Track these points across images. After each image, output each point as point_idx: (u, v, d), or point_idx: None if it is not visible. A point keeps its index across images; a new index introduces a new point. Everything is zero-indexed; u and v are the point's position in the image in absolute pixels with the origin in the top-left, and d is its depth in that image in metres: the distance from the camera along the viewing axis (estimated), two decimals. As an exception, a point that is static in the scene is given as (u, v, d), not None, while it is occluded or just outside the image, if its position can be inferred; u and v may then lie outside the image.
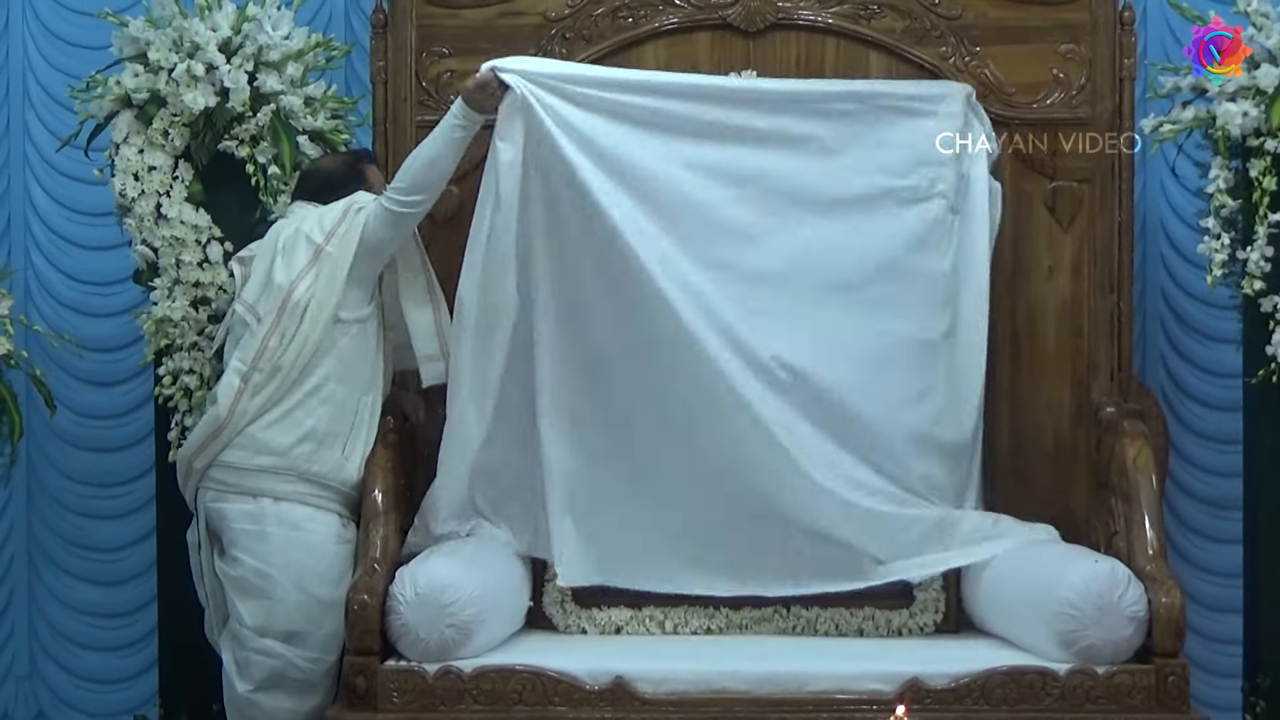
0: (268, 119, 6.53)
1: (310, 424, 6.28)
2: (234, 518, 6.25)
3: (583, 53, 6.86)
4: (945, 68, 6.84)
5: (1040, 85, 6.90)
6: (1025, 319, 6.89)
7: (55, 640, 7.87)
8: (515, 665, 6.06)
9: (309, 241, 6.31)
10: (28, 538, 7.87)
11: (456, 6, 6.93)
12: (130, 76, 6.57)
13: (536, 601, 6.65)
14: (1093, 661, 5.99)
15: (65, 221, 7.79)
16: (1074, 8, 6.88)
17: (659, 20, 6.93)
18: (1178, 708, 5.95)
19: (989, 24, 6.90)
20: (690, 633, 6.55)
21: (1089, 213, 6.87)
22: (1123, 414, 6.65)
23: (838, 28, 6.91)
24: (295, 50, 6.68)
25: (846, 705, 5.91)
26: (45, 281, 7.77)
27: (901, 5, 6.89)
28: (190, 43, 6.54)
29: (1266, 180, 6.55)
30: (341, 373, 6.33)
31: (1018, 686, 6.00)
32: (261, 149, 6.51)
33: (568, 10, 6.91)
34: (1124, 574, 6.02)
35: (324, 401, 6.31)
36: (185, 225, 6.47)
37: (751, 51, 6.90)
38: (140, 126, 6.56)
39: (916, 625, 6.64)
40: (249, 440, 6.26)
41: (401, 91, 6.89)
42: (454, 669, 5.99)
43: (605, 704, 6.00)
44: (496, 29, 6.92)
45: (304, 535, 6.25)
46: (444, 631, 6.01)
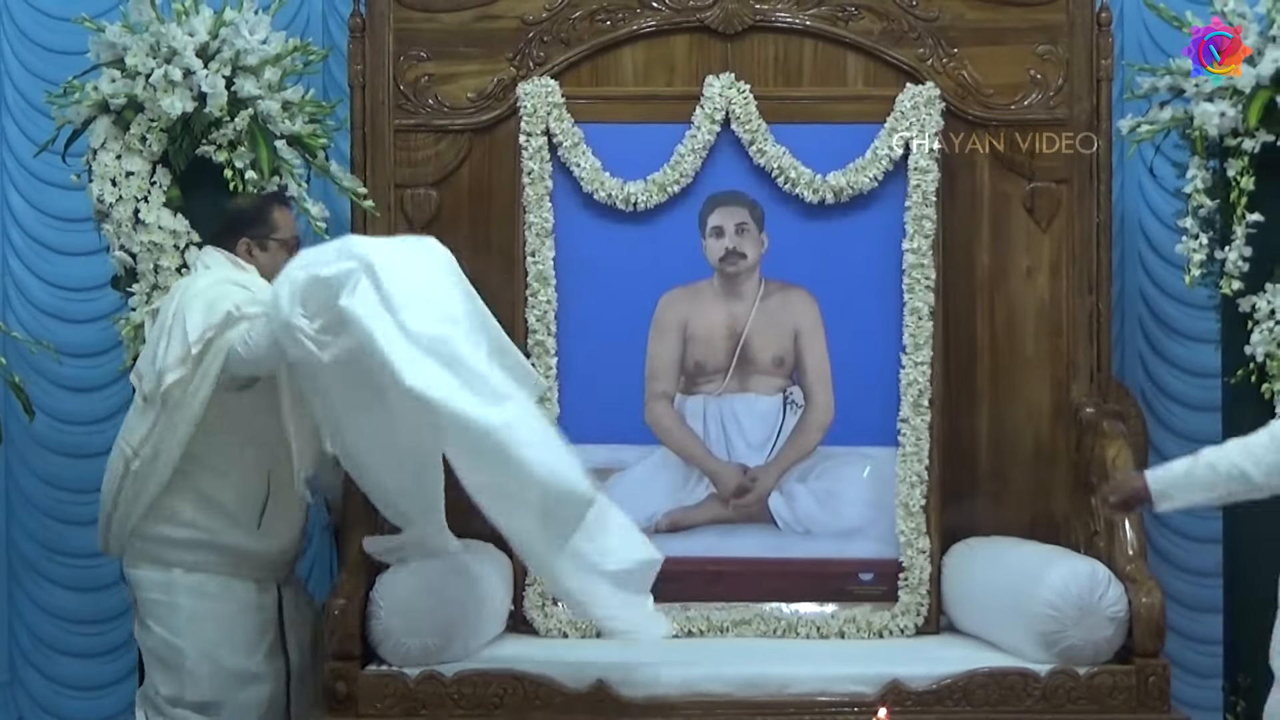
0: (245, 124, 6.51)
1: (215, 497, 5.98)
2: (146, 586, 6.01)
3: (560, 56, 6.90)
4: (923, 69, 6.87)
5: (1018, 86, 6.92)
6: (1004, 320, 6.93)
7: (34, 646, 7.85)
8: (497, 669, 6.07)
9: (182, 332, 5.86)
10: (6, 544, 7.85)
11: (434, 10, 6.95)
12: (107, 82, 6.55)
13: (517, 605, 6.67)
14: (1074, 662, 6.02)
15: (43, 227, 7.77)
16: (1051, 9, 6.90)
17: (637, 23, 6.95)
18: (1159, 708, 5.98)
19: (966, 25, 6.92)
20: (672, 636, 6.53)
21: (1067, 213, 6.90)
22: (1102, 414, 6.68)
23: (816, 30, 6.94)
24: (273, 55, 6.66)
25: (828, 708, 5.94)
26: (23, 287, 7.75)
27: (879, 7, 6.91)
28: (167, 48, 6.52)
29: (1244, 180, 6.55)
30: (237, 444, 5.99)
31: (999, 687, 6.02)
32: (239, 154, 6.49)
33: (545, 14, 6.92)
34: (1104, 574, 6.05)
35: (222, 475, 5.99)
36: (163, 230, 6.46)
37: (729, 54, 6.94)
38: (118, 132, 6.54)
39: (898, 627, 6.65)
40: (158, 509, 5.95)
41: (379, 95, 6.90)
42: (436, 673, 6.00)
43: (586, 708, 6.01)
44: (473, 33, 6.95)
45: (216, 605, 5.97)
46: (425, 636, 6.01)
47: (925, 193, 6.71)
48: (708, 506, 6.74)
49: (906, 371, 6.69)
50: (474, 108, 6.94)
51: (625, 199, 6.74)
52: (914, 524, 6.62)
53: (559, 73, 6.88)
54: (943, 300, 6.74)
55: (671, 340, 6.75)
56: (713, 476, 6.74)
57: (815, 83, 6.93)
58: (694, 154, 6.75)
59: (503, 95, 6.90)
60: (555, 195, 6.75)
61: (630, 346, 6.74)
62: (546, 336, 6.70)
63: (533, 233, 6.72)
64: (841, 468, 6.71)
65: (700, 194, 6.79)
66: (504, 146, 6.87)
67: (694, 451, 6.74)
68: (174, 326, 5.86)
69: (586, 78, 6.93)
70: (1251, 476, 5.34)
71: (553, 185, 6.74)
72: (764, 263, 6.79)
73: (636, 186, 6.75)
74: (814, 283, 6.79)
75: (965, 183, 6.92)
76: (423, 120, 6.94)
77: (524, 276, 6.72)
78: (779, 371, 6.78)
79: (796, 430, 6.77)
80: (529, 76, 6.85)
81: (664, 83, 6.95)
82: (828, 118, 6.82)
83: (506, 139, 6.84)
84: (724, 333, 6.77)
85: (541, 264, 6.71)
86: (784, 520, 6.72)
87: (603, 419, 6.73)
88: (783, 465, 6.74)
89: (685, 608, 6.61)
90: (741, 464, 6.73)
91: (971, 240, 6.92)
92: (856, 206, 6.76)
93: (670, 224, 6.80)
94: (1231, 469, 5.36)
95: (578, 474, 5.61)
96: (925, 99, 6.76)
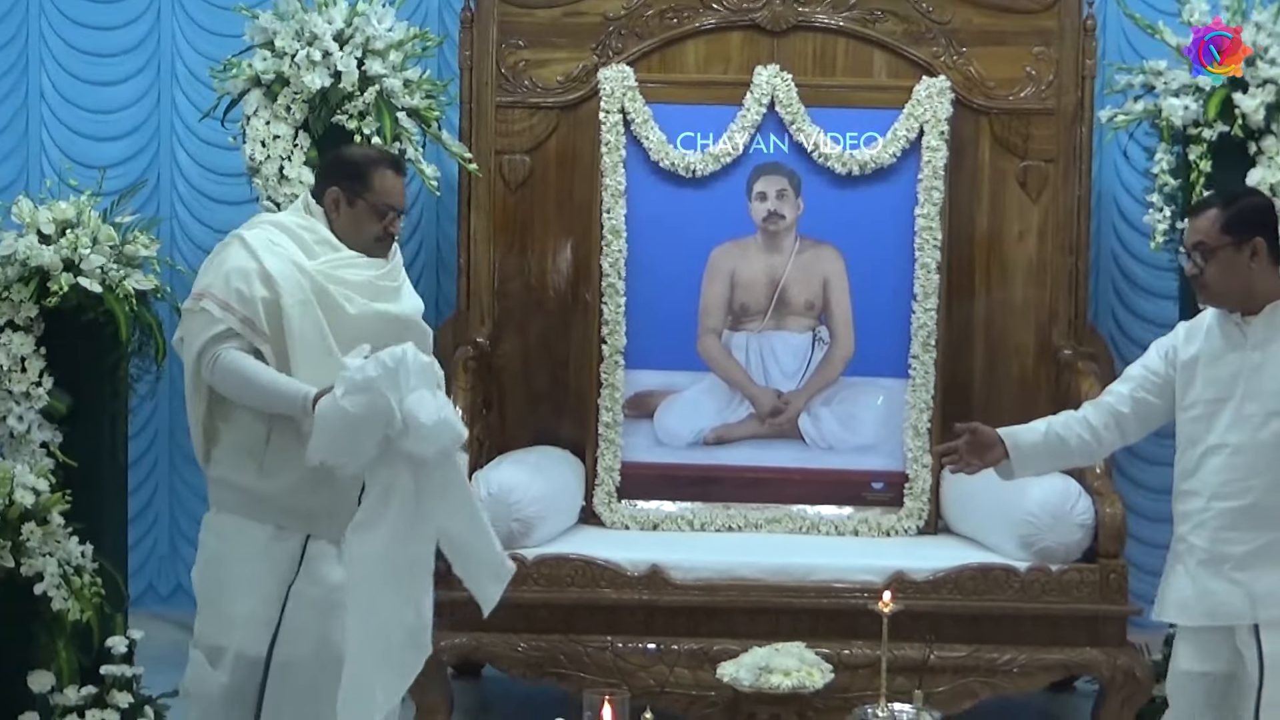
0: (373, 97, 6.52)
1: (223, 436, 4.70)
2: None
3: (635, 46, 6.89)
4: (936, 65, 6.84)
5: (1015, 80, 6.89)
6: (998, 275, 6.92)
7: (191, 525, 7.88)
8: (569, 554, 6.11)
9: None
10: (169, 441, 7.90)
11: (531, 6, 6.94)
12: (260, 60, 6.57)
13: (588, 501, 6.68)
14: (1048, 561, 6.02)
15: (204, 180, 7.81)
16: (1045, 16, 6.86)
17: (699, 21, 6.93)
18: (1118, 600, 5.99)
19: (974, 29, 6.89)
20: (714, 530, 6.57)
21: (1054, 188, 6.87)
22: (1078, 355, 6.68)
23: (848, 29, 6.91)
24: (396, 40, 6.67)
25: (843, 592, 5.96)
26: (187, 230, 7.79)
27: (901, 11, 6.88)
28: (310, 33, 6.53)
29: (1203, 163, 6.51)
30: None
31: (985, 580, 6.04)
32: (367, 122, 6.50)
33: (623, 11, 6.92)
34: (1075, 489, 6.05)
35: (224, 416, 4.69)
36: (303, 184, 6.47)
37: (775, 48, 6.92)
38: (267, 102, 6.55)
39: (903, 527, 6.65)
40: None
41: (484, 76, 6.91)
42: (519, 556, 5.99)
43: (643, 587, 6.04)
44: (563, 26, 6.94)
45: (229, 546, 4.67)
46: (511, 525, 6.05)
47: (935, 168, 6.68)
48: (747, 424, 6.74)
49: (916, 316, 6.68)
50: (562, 89, 6.94)
51: (686, 167, 6.73)
52: (919, 443, 6.61)
53: (633, 61, 6.86)
54: (947, 257, 6.71)
55: (721, 285, 6.74)
56: (752, 399, 6.74)
57: (846, 74, 6.90)
58: (744, 131, 6.73)
59: (586, 79, 6.89)
60: (628, 163, 6.74)
61: (686, 290, 6.74)
62: (617, 280, 6.70)
63: (608, 193, 6.71)
64: (860, 395, 6.70)
65: (748, 164, 6.77)
66: (586, 121, 6.85)
67: (737, 378, 6.74)
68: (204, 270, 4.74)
69: (656, 65, 6.91)
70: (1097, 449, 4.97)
71: (626, 154, 6.73)
72: (800, 223, 6.77)
73: (695, 157, 6.73)
74: (841, 241, 6.77)
75: (969, 160, 6.88)
76: (519, 98, 6.94)
77: (600, 229, 6.71)
78: (809, 313, 6.77)
79: (823, 363, 6.76)
80: (608, 64, 6.84)
81: (720, 71, 6.93)
82: (856, 103, 6.80)
83: (588, 115, 6.83)
84: (764, 280, 6.76)
85: (615, 219, 6.70)
86: (810, 437, 6.72)
87: (662, 349, 6.74)
88: (810, 391, 6.74)
89: (726, 507, 6.63)
90: (776, 389, 6.73)
91: (973, 208, 6.90)
92: (878, 178, 6.73)
93: (722, 189, 6.78)
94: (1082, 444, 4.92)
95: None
96: (938, 90, 6.73)
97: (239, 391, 4.59)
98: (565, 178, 6.98)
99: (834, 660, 5.53)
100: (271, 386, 4.55)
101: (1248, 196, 4.86)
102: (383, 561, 4.47)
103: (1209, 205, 4.69)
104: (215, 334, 4.58)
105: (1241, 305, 4.65)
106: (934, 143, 6.70)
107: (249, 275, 4.59)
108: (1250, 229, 4.61)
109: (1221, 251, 4.61)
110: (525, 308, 6.99)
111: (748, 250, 6.79)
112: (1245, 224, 4.62)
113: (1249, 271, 4.61)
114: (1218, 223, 4.62)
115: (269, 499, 4.64)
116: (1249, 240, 4.60)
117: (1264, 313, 4.63)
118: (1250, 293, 4.63)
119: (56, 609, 5.27)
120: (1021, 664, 6.02)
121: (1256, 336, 4.63)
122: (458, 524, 4.63)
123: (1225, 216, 4.61)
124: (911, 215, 6.71)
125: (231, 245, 4.69)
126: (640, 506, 6.70)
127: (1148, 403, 4.84)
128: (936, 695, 5.80)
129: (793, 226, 6.78)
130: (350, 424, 4.37)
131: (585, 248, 6.83)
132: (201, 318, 4.61)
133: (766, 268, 6.77)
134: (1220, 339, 4.69)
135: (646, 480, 6.72)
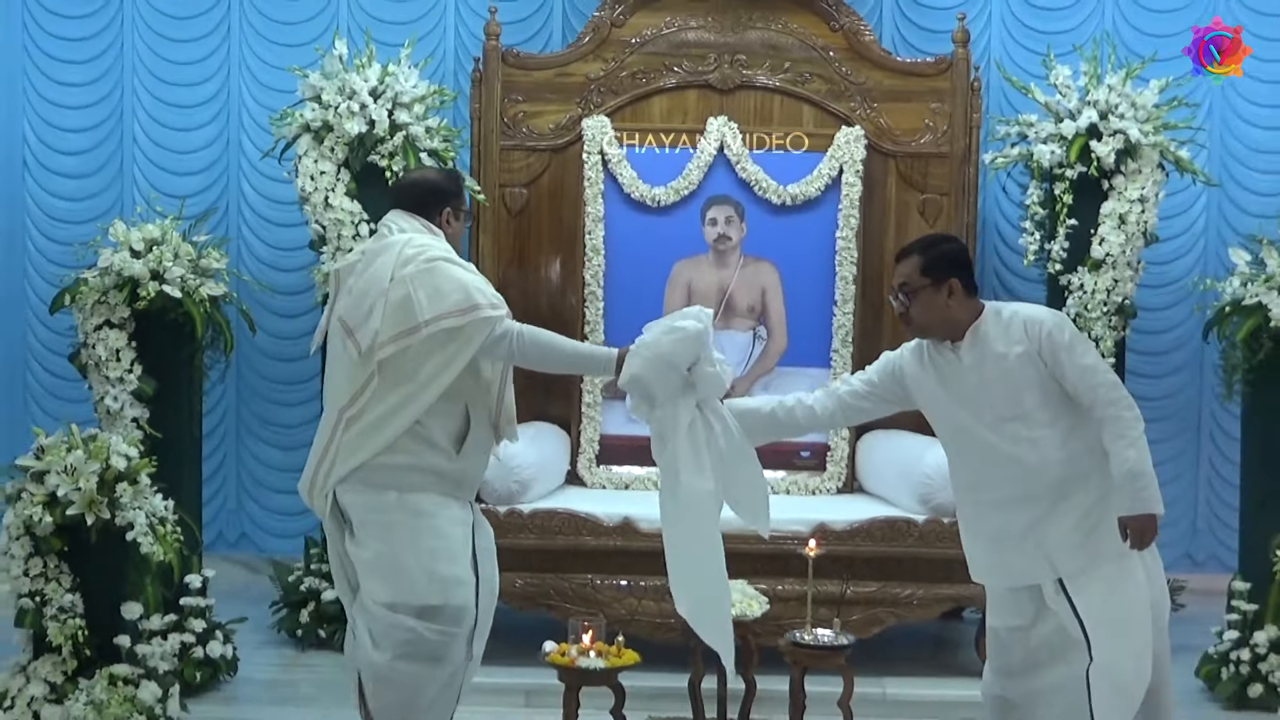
0: (400, 141, 6.52)
1: (424, 433, 4.55)
2: (362, 509, 4.58)
3: (611, 101, 6.88)
4: (854, 117, 6.84)
5: (917, 130, 6.89)
6: (902, 286, 6.90)
7: (253, 485, 7.89)
8: (557, 509, 6.11)
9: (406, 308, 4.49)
10: (236, 417, 7.89)
11: (528, 69, 6.94)
12: (309, 111, 6.56)
13: (573, 466, 6.69)
14: (940, 514, 6.02)
15: (265, 206, 7.77)
16: (940, 78, 6.87)
17: (663, 80, 6.93)
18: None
19: (884, 89, 6.90)
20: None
21: (947, 216, 6.87)
22: (965, 351, 6.67)
23: (782, 88, 6.91)
24: (420, 95, 6.66)
25: (777, 539, 5.90)
26: (250, 246, 7.76)
27: (825, 74, 6.89)
28: (350, 89, 6.53)
29: (1066, 197, 6.55)
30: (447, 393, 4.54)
31: (891, 529, 6.05)
32: (395, 161, 6.50)
33: (601, 73, 6.92)
34: (963, 457, 6.02)
35: (433, 415, 4.54)
36: (344, 211, 6.47)
37: (724, 103, 6.91)
38: (315, 144, 6.55)
39: (825, 488, 6.67)
40: (366, 441, 4.56)
41: (490, 125, 6.90)
42: (517, 510, 6.03)
43: (617, 535, 6.05)
44: (554, 84, 6.94)
45: (432, 521, 4.55)
46: (511, 484, 6.05)
47: (852, 200, 6.70)
48: (701, 405, 6.73)
49: (836, 318, 6.69)
50: (553, 135, 6.94)
51: (652, 198, 6.74)
52: (838, 420, 6.61)
53: (610, 112, 6.87)
54: (861, 271, 6.73)
55: (680, 293, 6.73)
56: (705, 385, 6.73)
57: (781, 124, 6.89)
58: (698, 169, 6.74)
59: (572, 127, 6.89)
60: (605, 195, 6.74)
61: (652, 297, 6.71)
62: (597, 289, 6.70)
63: (590, 219, 6.72)
64: (791, 382, 6.63)
65: (702, 196, 6.77)
66: (572, 161, 6.85)
67: (693, 368, 6.73)
68: (405, 295, 4.50)
69: (628, 116, 6.91)
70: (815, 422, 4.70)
71: (604, 188, 6.74)
72: (744, 244, 6.78)
73: (659, 190, 6.74)
74: (777, 258, 6.77)
75: (879, 194, 6.89)
76: (518, 142, 6.94)
77: (583, 249, 6.72)
78: (751, 316, 6.78)
79: (762, 356, 6.77)
80: (590, 115, 6.85)
81: (680, 121, 6.92)
82: (789, 147, 6.80)
83: (574, 156, 6.84)
84: (715, 289, 6.76)
85: (595, 240, 6.71)
86: (751, 415, 6.72)
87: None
88: (752, 379, 6.74)
89: (684, 471, 6.62)
90: (724, 377, 6.74)
91: (882, 233, 6.90)
92: (806, 208, 6.74)
93: (681, 216, 6.78)
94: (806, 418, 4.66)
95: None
96: (854, 137, 6.75)
97: (544, 356, 4.60)
98: (555, 207, 6.97)
99: (770, 594, 5.49)
100: (577, 349, 4.75)
101: (945, 243, 4.49)
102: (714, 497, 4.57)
103: (910, 252, 4.40)
104: (500, 321, 4.51)
105: (947, 335, 4.37)
106: (851, 180, 6.71)
107: (480, 280, 4.58)
108: (947, 271, 4.33)
109: (923, 292, 4.34)
110: (523, 311, 6.90)
111: (701, 265, 6.79)
112: (942, 267, 4.34)
113: (947, 308, 4.34)
114: (918, 267, 4.35)
115: (459, 477, 4.62)
116: (945, 281, 4.33)
117: (967, 336, 4.34)
118: (952, 324, 4.36)
119: (144, 552, 5.27)
120: (920, 597, 6.03)
121: (969, 358, 4.34)
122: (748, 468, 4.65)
123: (924, 261, 4.35)
124: (833, 238, 6.72)
125: (442, 266, 4.54)
126: (615, 471, 6.70)
127: (860, 408, 4.60)
128: (851, 622, 5.81)
129: (738, 246, 6.78)
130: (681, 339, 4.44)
131: (572, 263, 6.84)
132: (480, 325, 4.49)
133: (717, 279, 6.77)
134: (943, 365, 4.39)
135: (620, 450, 6.70)
